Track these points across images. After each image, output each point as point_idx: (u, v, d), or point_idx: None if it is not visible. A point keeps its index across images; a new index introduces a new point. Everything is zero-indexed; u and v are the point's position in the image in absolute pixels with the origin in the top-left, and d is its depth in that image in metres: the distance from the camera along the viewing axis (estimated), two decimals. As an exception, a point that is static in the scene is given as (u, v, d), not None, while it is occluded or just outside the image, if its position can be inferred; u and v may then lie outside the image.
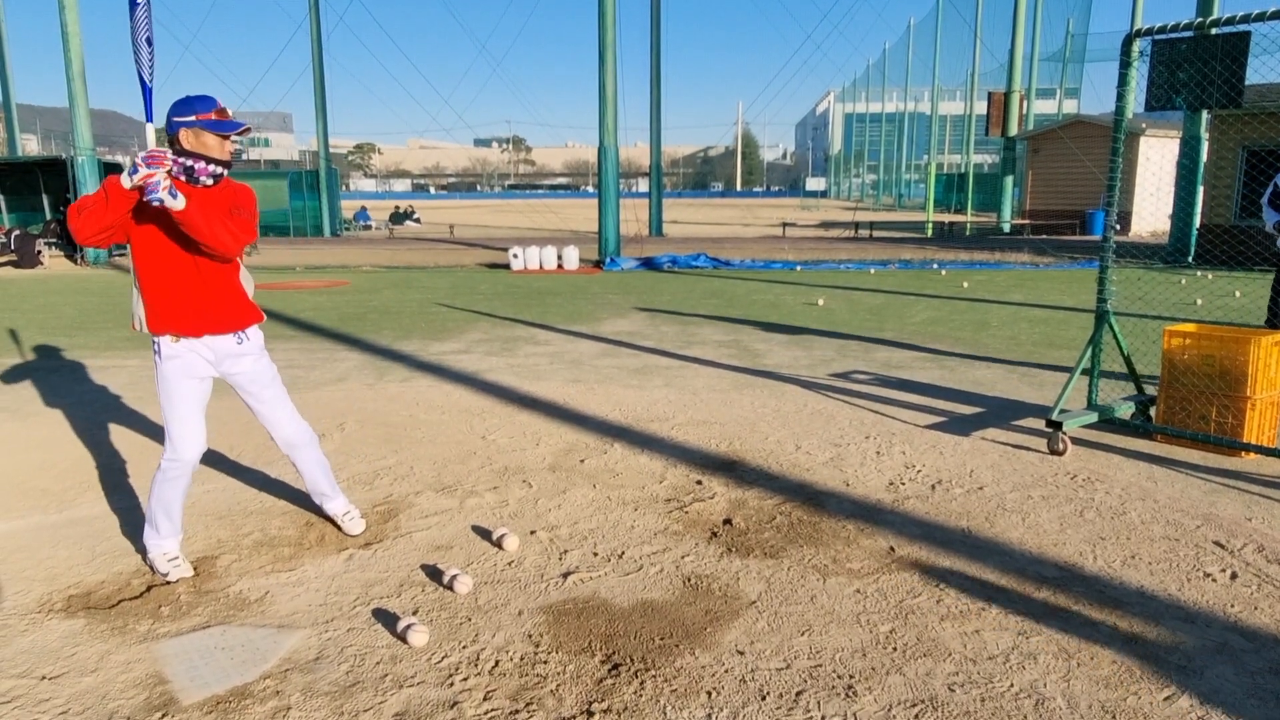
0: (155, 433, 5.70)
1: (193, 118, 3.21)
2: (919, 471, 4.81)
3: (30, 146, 60.35)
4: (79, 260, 19.33)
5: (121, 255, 20.58)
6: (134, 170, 2.99)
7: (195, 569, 3.59)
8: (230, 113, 3.32)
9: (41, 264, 18.62)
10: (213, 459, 5.09)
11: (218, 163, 3.29)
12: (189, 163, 3.24)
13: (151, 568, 3.57)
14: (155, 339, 3.42)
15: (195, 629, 3.11)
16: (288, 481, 4.65)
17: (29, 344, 9.10)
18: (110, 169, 20.77)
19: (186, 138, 3.22)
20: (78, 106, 19.02)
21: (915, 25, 53.46)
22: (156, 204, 3.00)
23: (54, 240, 20.16)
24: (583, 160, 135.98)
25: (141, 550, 3.68)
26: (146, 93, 3.18)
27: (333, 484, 3.95)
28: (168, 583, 3.47)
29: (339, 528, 3.97)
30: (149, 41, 3.19)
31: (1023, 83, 29.22)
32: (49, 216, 21.41)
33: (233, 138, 3.31)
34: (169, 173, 3.08)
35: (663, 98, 27.23)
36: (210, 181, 3.31)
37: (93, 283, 15.61)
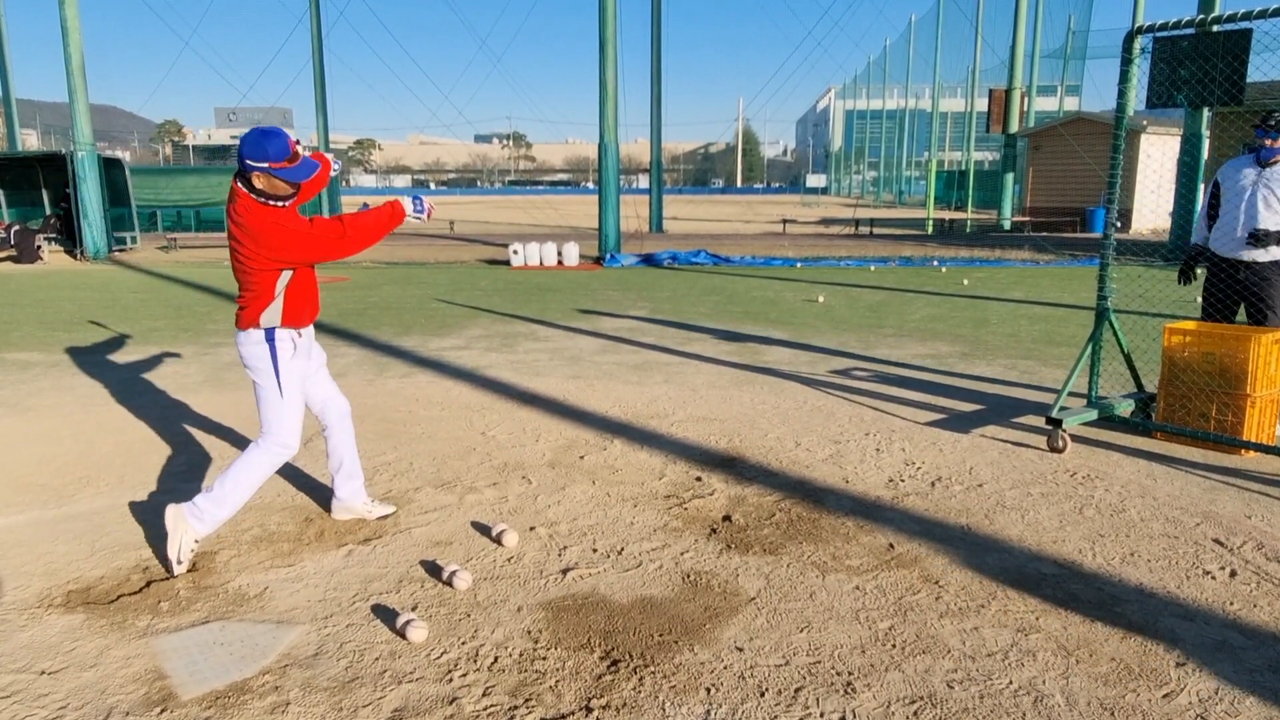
0: (153, 427, 5.70)
1: (266, 165, 3.31)
2: (919, 468, 4.81)
3: (30, 141, 60.29)
4: (79, 256, 19.32)
5: (122, 250, 20.57)
6: (419, 208, 3.69)
7: (193, 565, 3.59)
8: (300, 149, 3.43)
9: (41, 259, 18.61)
10: (212, 454, 5.09)
11: (285, 198, 3.47)
12: (275, 201, 3.45)
13: (172, 553, 3.47)
14: (275, 336, 3.55)
15: (194, 624, 3.12)
16: (287, 477, 4.66)
17: (28, 339, 9.10)
18: (110, 164, 20.77)
19: (259, 179, 3.37)
20: (77, 101, 19.00)
21: (916, 22, 53.37)
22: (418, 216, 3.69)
23: (54, 236, 20.15)
24: (583, 156, 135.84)
25: (185, 528, 3.50)
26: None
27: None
28: (167, 577, 3.47)
29: (367, 518, 4.07)
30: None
31: (1024, 80, 29.15)
32: (49, 211, 21.38)
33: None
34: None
35: (663, 94, 27.20)
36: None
37: (92, 278, 15.60)
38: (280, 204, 3.43)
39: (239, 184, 3.38)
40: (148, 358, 8.02)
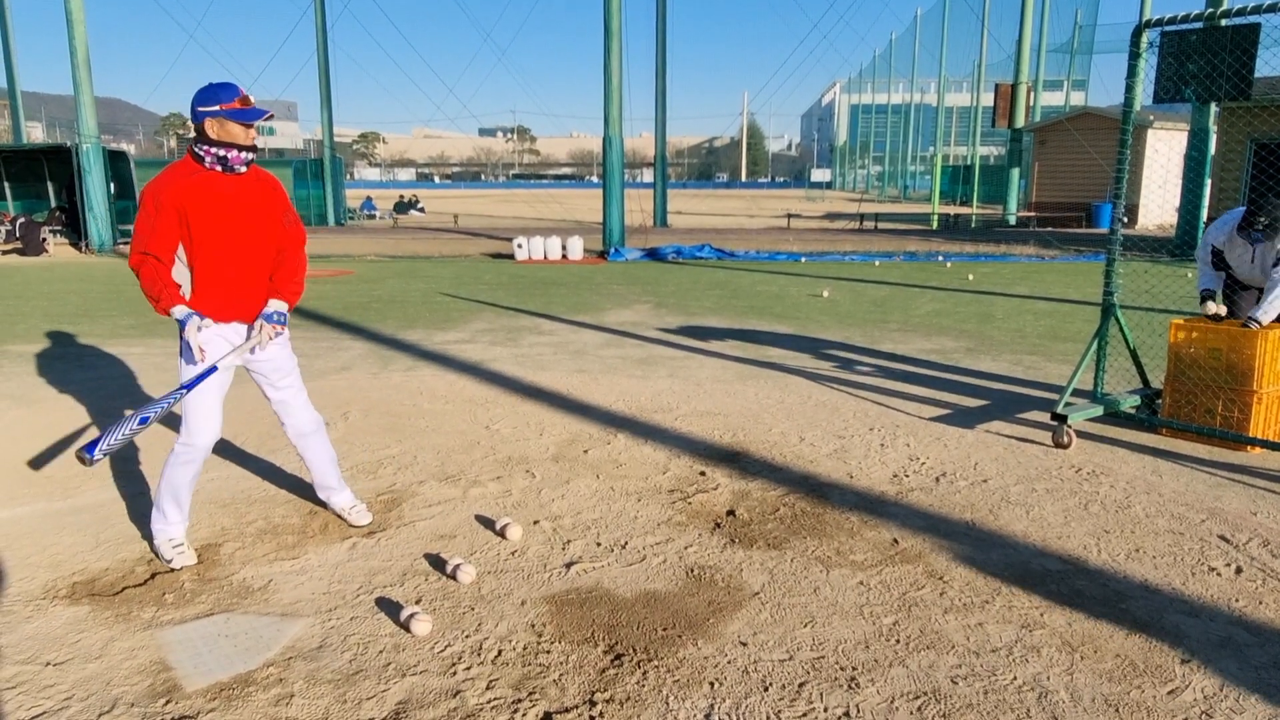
0: (159, 420, 5.70)
1: (217, 107, 3.28)
2: (923, 464, 4.80)
3: (35, 134, 60.42)
4: (84, 248, 19.35)
5: (127, 243, 20.58)
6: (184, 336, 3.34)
7: (199, 557, 3.60)
8: (253, 100, 3.39)
9: (46, 252, 18.64)
10: (217, 447, 5.08)
11: (245, 149, 3.38)
12: (222, 152, 3.34)
13: (156, 554, 3.58)
14: (184, 325, 3.45)
15: (199, 616, 3.12)
16: (292, 470, 4.66)
17: (34, 331, 9.12)
18: (115, 157, 20.76)
19: (212, 127, 3.31)
20: (82, 94, 19.00)
21: (922, 16, 53.14)
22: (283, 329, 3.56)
23: (59, 228, 20.18)
24: (587, 150, 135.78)
25: (148, 536, 3.69)
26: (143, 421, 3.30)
27: (339, 477, 3.96)
28: (172, 570, 3.48)
29: (345, 521, 3.97)
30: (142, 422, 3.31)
31: (1030, 74, 29.04)
32: (54, 204, 21.40)
33: (256, 124, 3.38)
34: (207, 142, 3.32)
35: (668, 88, 27.12)
36: (243, 169, 3.43)
37: (98, 270, 15.62)
38: (221, 160, 3.33)
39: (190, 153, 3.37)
40: (153, 350, 8.03)
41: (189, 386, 3.37)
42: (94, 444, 3.12)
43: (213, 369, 3.37)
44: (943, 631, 3.00)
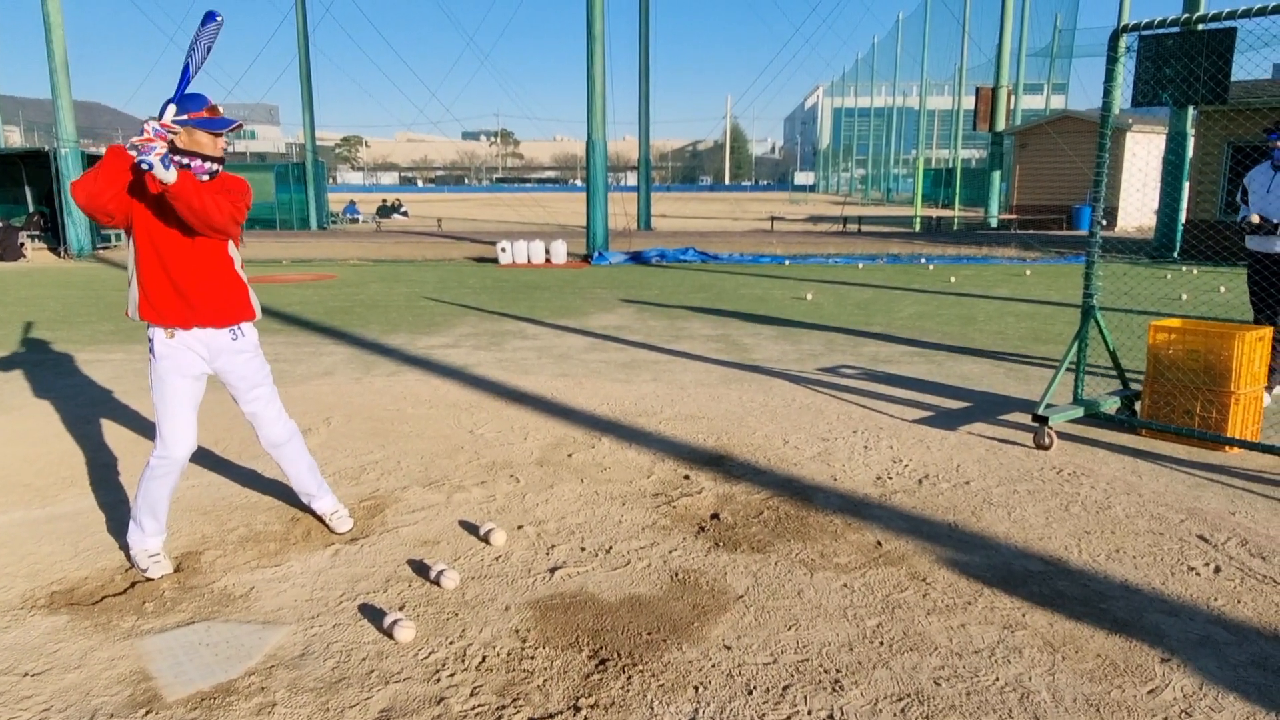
0: (140, 427, 5.66)
1: (185, 117, 3.23)
2: (906, 466, 4.82)
3: (13, 138, 59.76)
4: (62, 253, 19.17)
5: (106, 248, 20.43)
6: (140, 133, 2.99)
7: (178, 565, 3.57)
8: (221, 110, 3.35)
9: (24, 257, 18.45)
10: (198, 454, 5.05)
11: (212, 159, 3.32)
12: (185, 160, 3.28)
13: (133, 564, 3.55)
14: (150, 334, 3.41)
15: (179, 625, 3.09)
16: (273, 476, 4.63)
17: (12, 337, 9.02)
18: (93, 161, 20.58)
19: (180, 137, 3.26)
20: (61, 98, 18.84)
21: (904, 20, 53.48)
22: (145, 169, 2.92)
23: (37, 233, 19.98)
24: (571, 154, 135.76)
25: (124, 546, 3.66)
26: (185, 80, 3.22)
27: (319, 482, 3.92)
28: (150, 579, 3.45)
29: (326, 526, 3.95)
30: (209, 49, 3.28)
31: (1010, 78, 29.26)
32: (32, 209, 21.19)
33: (225, 134, 3.34)
34: (171, 149, 3.15)
35: (651, 91, 27.17)
36: (207, 178, 3.37)
37: (76, 276, 15.48)
38: (184, 168, 3.21)
39: None
40: (132, 356, 7.96)
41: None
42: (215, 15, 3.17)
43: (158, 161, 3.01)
44: (926, 633, 3.01)
